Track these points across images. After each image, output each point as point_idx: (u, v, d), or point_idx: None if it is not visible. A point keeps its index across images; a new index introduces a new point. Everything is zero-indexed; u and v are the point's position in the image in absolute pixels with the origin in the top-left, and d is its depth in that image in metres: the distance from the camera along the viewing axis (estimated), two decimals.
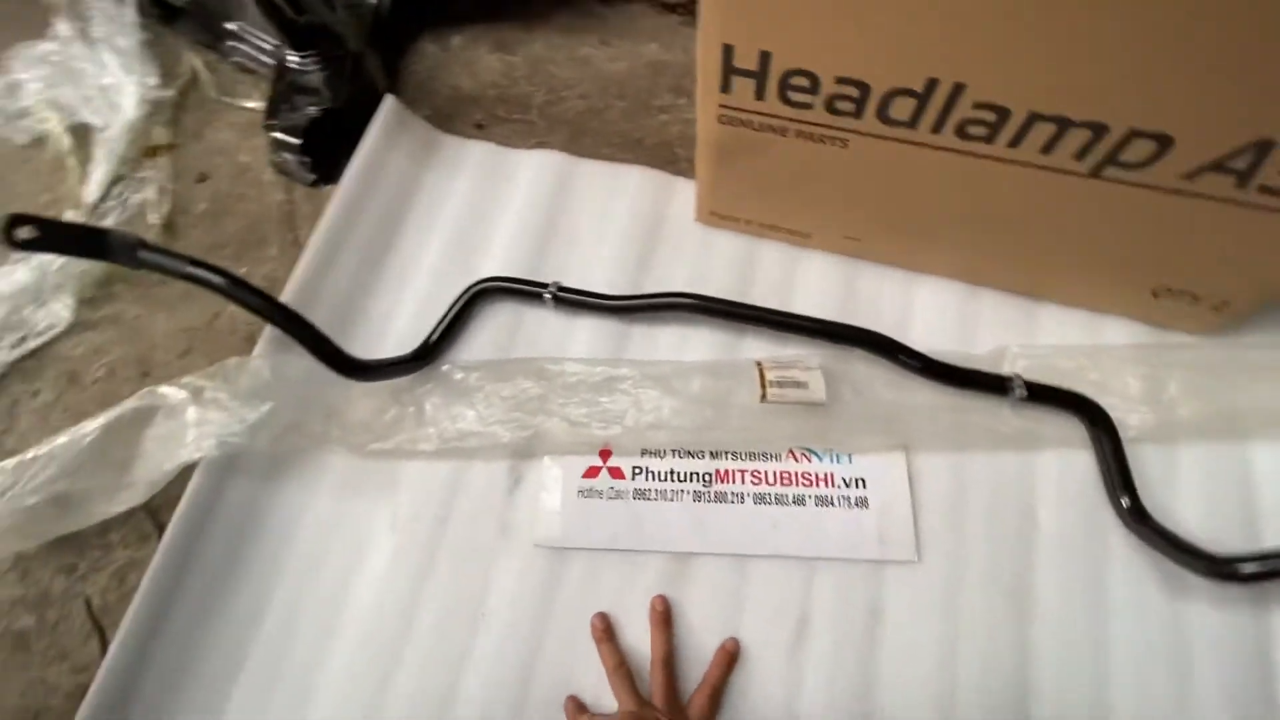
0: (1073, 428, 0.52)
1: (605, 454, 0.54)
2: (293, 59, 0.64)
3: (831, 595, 0.49)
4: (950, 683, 0.46)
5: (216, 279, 0.46)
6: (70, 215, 0.65)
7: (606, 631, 0.48)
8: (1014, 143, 0.42)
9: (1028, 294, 0.57)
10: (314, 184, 0.67)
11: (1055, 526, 0.50)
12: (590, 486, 0.53)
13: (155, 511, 0.55)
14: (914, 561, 0.49)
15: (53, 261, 0.62)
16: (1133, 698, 0.45)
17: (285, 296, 0.57)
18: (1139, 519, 0.48)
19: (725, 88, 0.45)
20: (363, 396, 0.55)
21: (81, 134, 0.70)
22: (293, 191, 0.67)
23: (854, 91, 0.42)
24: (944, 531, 0.50)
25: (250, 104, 0.72)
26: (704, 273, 0.60)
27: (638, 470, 0.53)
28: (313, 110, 0.62)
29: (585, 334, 0.58)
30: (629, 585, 0.50)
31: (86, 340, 0.62)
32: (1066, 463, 0.52)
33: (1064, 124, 0.39)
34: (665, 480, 0.53)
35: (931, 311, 0.58)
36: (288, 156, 0.65)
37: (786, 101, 0.44)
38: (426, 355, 0.56)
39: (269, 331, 0.56)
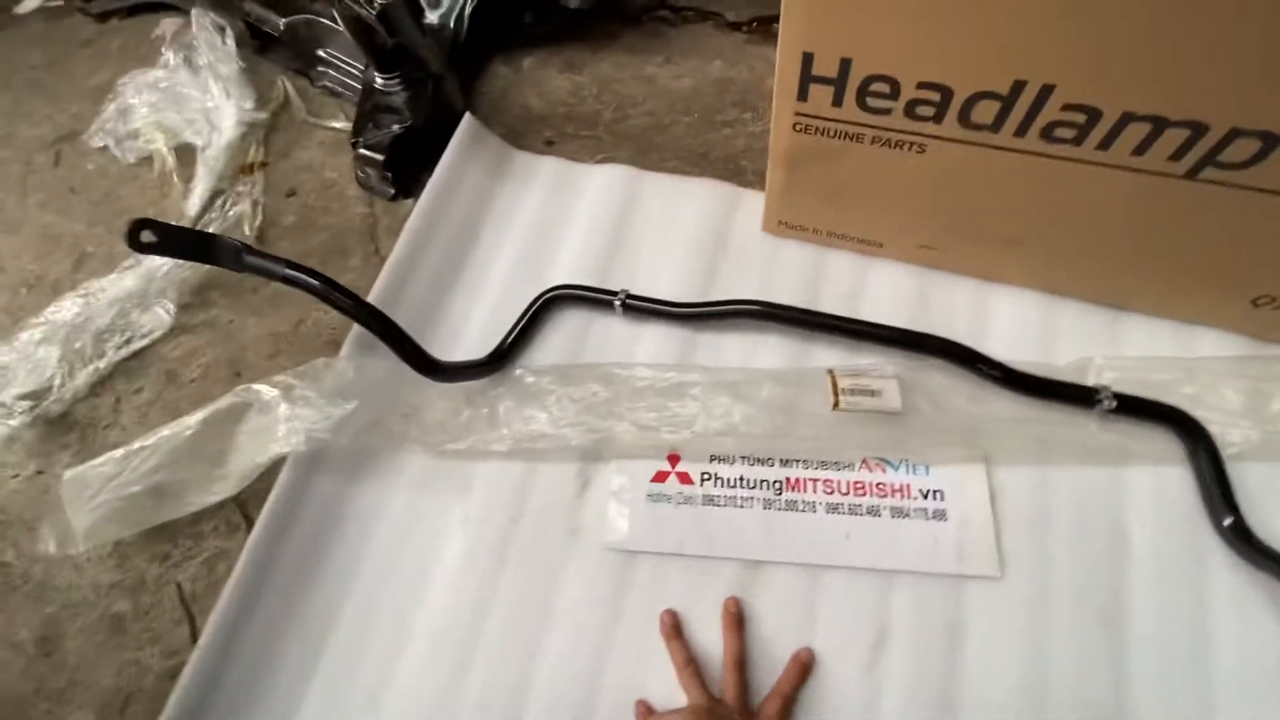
0: (1166, 443, 0.50)
1: (674, 459, 0.54)
2: (379, 81, 0.68)
3: (909, 610, 0.48)
4: (1037, 707, 0.44)
5: (312, 281, 0.49)
6: None
7: (675, 628, 0.47)
8: (1104, 144, 0.41)
9: (1111, 304, 0.55)
10: (394, 198, 0.70)
11: (1149, 545, 0.47)
12: (659, 491, 0.53)
13: (244, 504, 0.57)
14: (996, 578, 0.48)
15: (158, 268, 0.67)
16: None
17: (370, 301, 0.60)
18: (1243, 538, 0.45)
19: (803, 95, 0.46)
20: (439, 398, 0.56)
21: (185, 153, 0.76)
22: (374, 205, 0.71)
23: (935, 96, 0.42)
24: (1028, 548, 0.48)
25: (336, 124, 0.76)
26: (771, 282, 0.61)
27: (706, 476, 0.53)
28: (396, 128, 0.66)
29: (652, 342, 0.59)
30: (698, 591, 0.50)
31: (184, 342, 0.66)
32: (1159, 479, 0.49)
33: (1160, 124, 0.38)
34: (735, 487, 0.52)
35: (1009, 322, 0.56)
36: (371, 172, 0.68)
37: (864, 108, 0.45)
38: (500, 359, 0.57)
39: (354, 334, 0.59)
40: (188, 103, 0.76)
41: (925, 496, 0.51)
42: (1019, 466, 0.51)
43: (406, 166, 0.69)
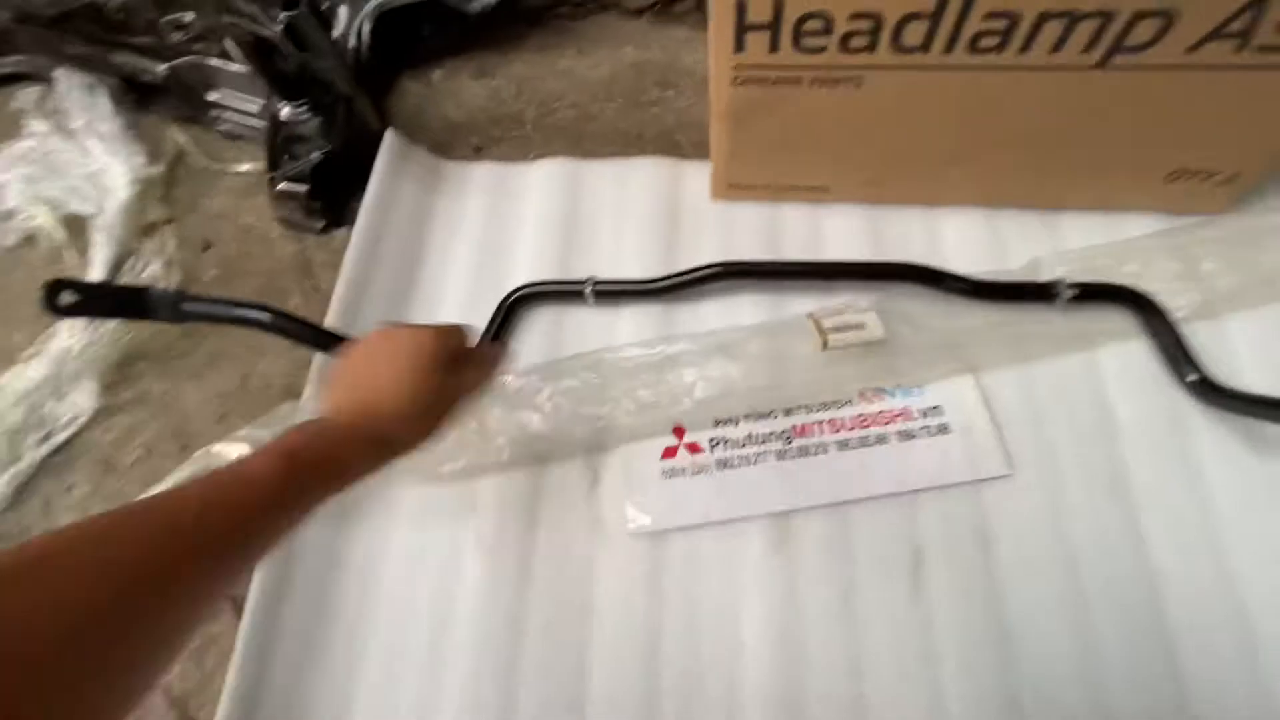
0: (1123, 320, 0.53)
1: (679, 432, 0.53)
2: (286, 111, 0.64)
3: (938, 524, 0.49)
4: (1077, 585, 0.46)
5: (264, 316, 0.45)
6: None
7: None
8: (1025, 47, 0.44)
9: (1046, 206, 0.59)
10: (323, 230, 0.66)
11: (1131, 416, 0.51)
12: (672, 466, 0.52)
13: None
14: (1009, 475, 0.49)
15: (66, 350, 0.60)
16: (1253, 558, 0.45)
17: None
18: (1211, 390, 0.49)
19: (739, 46, 0.46)
20: None
21: (73, 224, 0.69)
22: (304, 241, 0.66)
23: (867, 25, 0.44)
24: (1029, 442, 0.50)
25: (243, 167, 0.71)
26: (731, 246, 0.61)
27: (715, 442, 0.53)
28: (315, 156, 0.62)
29: (629, 324, 0.58)
30: (734, 555, 0.49)
31: (116, 424, 0.59)
32: (1126, 354, 0.53)
33: (1073, 18, 0.41)
34: (745, 445, 0.52)
35: (959, 240, 0.59)
36: (295, 207, 0.64)
37: (801, 49, 0.46)
38: None
39: (315, 373, 0.55)
40: (67, 170, 0.69)
41: (925, 415, 0.52)
42: (1001, 369, 0.53)
43: (333, 195, 0.65)
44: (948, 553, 0.48)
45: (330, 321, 0.57)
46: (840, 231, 0.61)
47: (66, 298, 0.41)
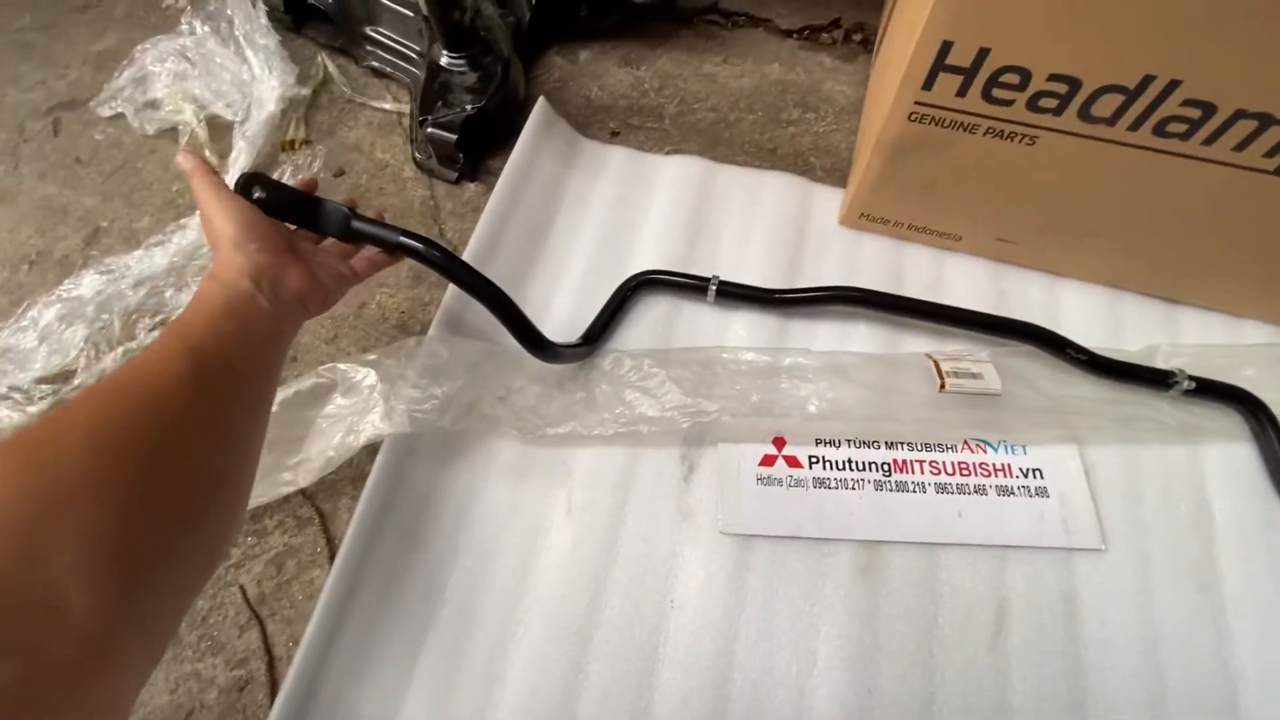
0: (1233, 422, 0.54)
1: (779, 443, 0.54)
2: (446, 60, 0.65)
3: (1025, 583, 0.49)
4: (1156, 670, 0.46)
5: (431, 252, 0.46)
6: None
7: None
8: (1210, 140, 0.45)
9: (1168, 297, 0.60)
10: (456, 181, 0.68)
11: (1230, 516, 0.51)
12: (768, 474, 0.53)
13: (312, 496, 0.53)
14: (1101, 550, 0.50)
15: (197, 245, 0.61)
16: None
17: (453, 286, 0.57)
18: None
19: (928, 85, 0.48)
20: (530, 383, 0.54)
21: (216, 126, 0.70)
22: (434, 188, 0.68)
23: (1063, 88, 0.45)
24: (1124, 521, 0.51)
25: (385, 105, 0.73)
26: (853, 273, 0.62)
27: (814, 459, 0.53)
28: (470, 108, 0.63)
29: (743, 328, 0.59)
30: (820, 574, 0.49)
31: None
32: (1230, 455, 0.53)
33: (1267, 121, 0.42)
34: (844, 469, 0.53)
35: (1078, 312, 0.60)
36: (437, 152, 0.66)
37: (989, 99, 0.47)
38: (595, 341, 0.55)
39: (442, 314, 0.56)
40: (219, 74, 0.71)
41: (1026, 475, 0.53)
42: (1106, 445, 0.54)
43: (475, 149, 0.67)
44: (1032, 613, 0.48)
45: None
46: (963, 280, 0.61)
47: (257, 192, 0.42)
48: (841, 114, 0.72)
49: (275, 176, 0.63)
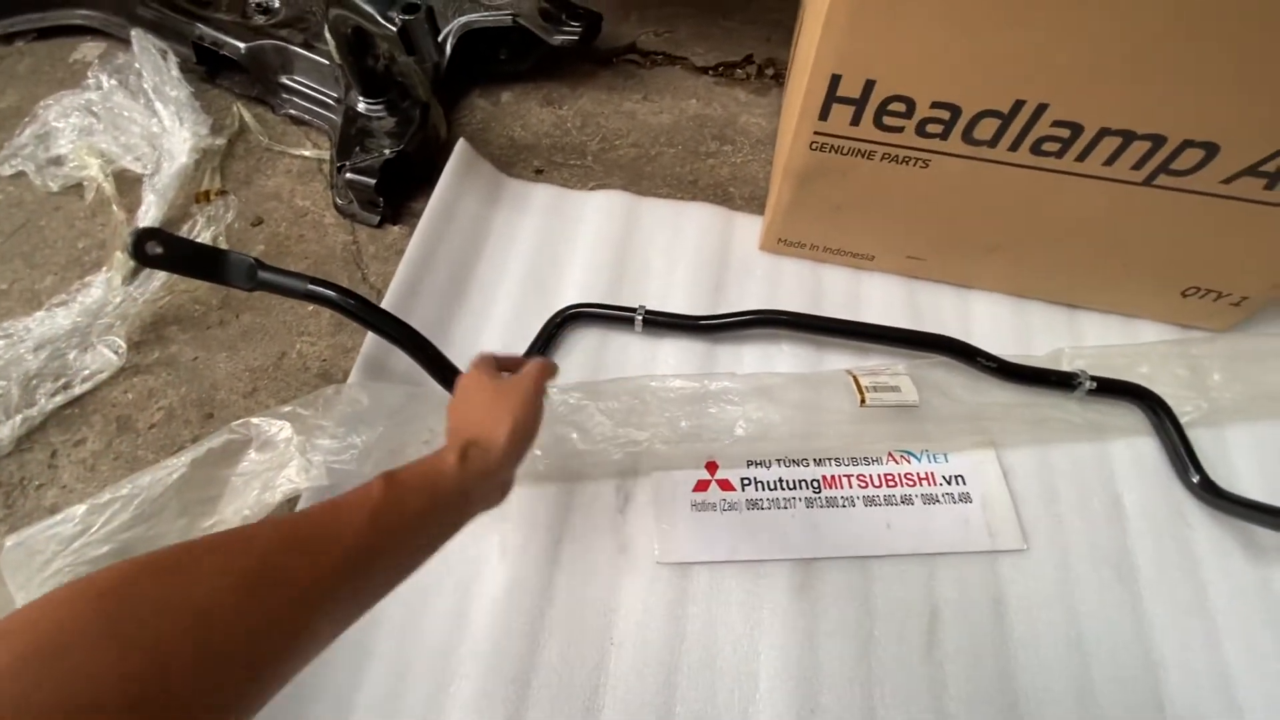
0: (1134, 417, 0.57)
1: (712, 467, 0.54)
2: (363, 105, 0.66)
3: (954, 589, 0.50)
4: (1082, 658, 0.47)
5: (340, 297, 0.45)
6: (119, 256, 0.62)
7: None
8: (1081, 156, 0.48)
9: (1069, 303, 0.63)
10: (378, 225, 0.67)
11: (1138, 506, 0.54)
12: (703, 500, 0.53)
13: None
14: (1023, 550, 0.51)
15: (99, 304, 0.59)
16: (1245, 654, 0.47)
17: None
18: (1212, 492, 0.52)
19: (824, 115, 0.50)
20: None
21: (124, 180, 0.68)
22: (356, 232, 0.67)
23: (945, 115, 0.48)
24: (1043, 519, 0.53)
25: (305, 152, 0.72)
26: (775, 296, 0.64)
27: (747, 481, 0.54)
28: (388, 152, 0.63)
29: (671, 355, 0.60)
30: (757, 596, 0.49)
31: (138, 384, 0.58)
32: (1134, 448, 0.56)
33: (1129, 137, 0.46)
34: (775, 489, 0.53)
35: (987, 322, 0.63)
36: (356, 197, 0.65)
37: (880, 126, 0.50)
38: None
39: (362, 360, 0.55)
40: (127, 127, 0.69)
41: (949, 482, 0.54)
42: (1021, 448, 0.56)
43: (395, 192, 0.67)
44: (963, 617, 0.49)
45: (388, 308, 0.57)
46: (879, 297, 0.64)
47: (153, 248, 0.41)
48: (757, 145, 0.75)
49: (187, 229, 0.62)
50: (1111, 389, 0.56)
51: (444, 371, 0.49)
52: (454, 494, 0.33)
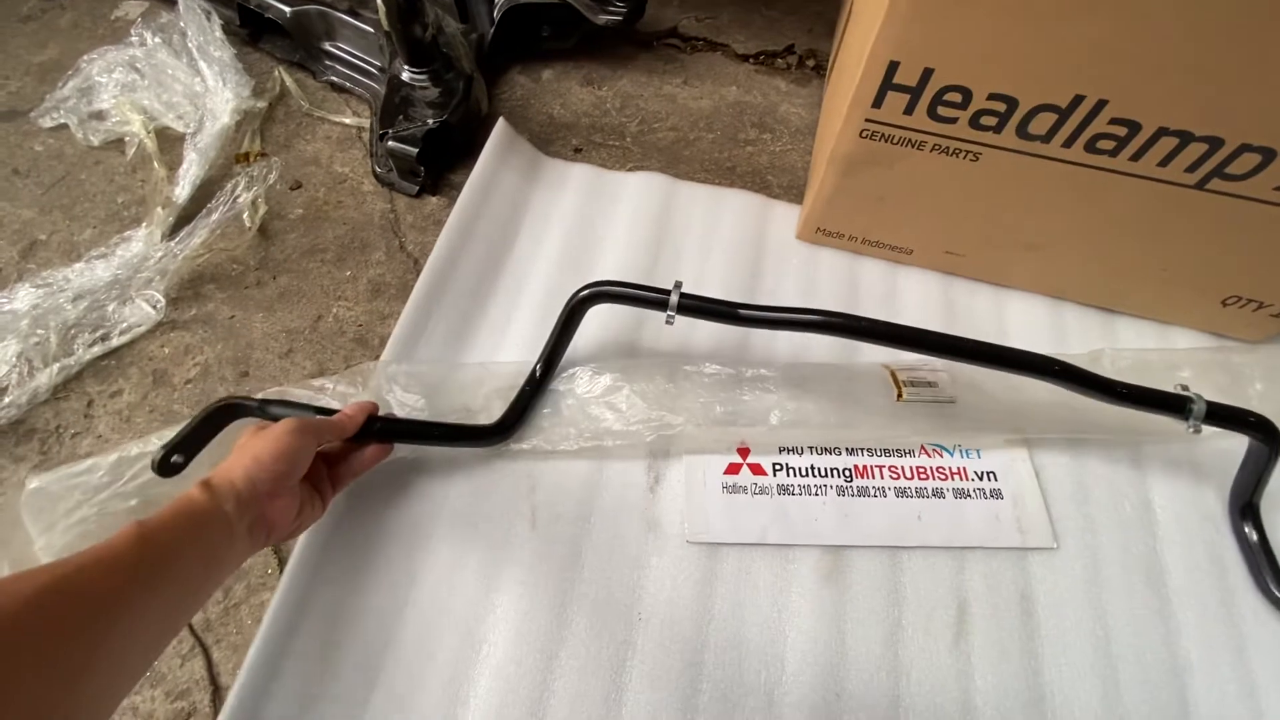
0: (1168, 422, 0.57)
1: (744, 452, 0.54)
2: (408, 74, 0.65)
3: (983, 583, 0.50)
4: (1109, 660, 0.47)
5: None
6: (159, 212, 0.62)
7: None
8: (1136, 156, 0.48)
9: (1105, 307, 0.63)
10: (417, 194, 0.67)
11: (1170, 512, 0.53)
12: (734, 483, 0.53)
13: None
14: (1053, 548, 0.51)
15: (141, 257, 0.59)
16: (1272, 665, 0.47)
17: (412, 298, 0.56)
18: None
19: (877, 103, 0.50)
20: (494, 400, 0.53)
21: (165, 138, 0.69)
22: (394, 201, 0.67)
23: (1001, 107, 0.47)
24: (1074, 519, 0.53)
25: (344, 119, 0.72)
26: (811, 285, 0.64)
27: (778, 467, 0.54)
28: (431, 122, 0.63)
29: (705, 340, 0.60)
30: (786, 580, 0.49)
31: (175, 340, 0.58)
32: (1169, 454, 0.56)
33: (1186, 138, 0.46)
34: (807, 476, 0.53)
35: (1023, 321, 0.62)
36: (397, 166, 0.65)
37: (934, 117, 0.50)
38: (551, 369, 0.55)
39: (398, 333, 0.55)
40: (170, 86, 0.69)
41: (980, 478, 0.54)
42: (1054, 447, 0.56)
43: (436, 163, 0.67)
44: (991, 611, 0.49)
45: (421, 285, 0.58)
46: (915, 292, 0.64)
47: (177, 459, 0.43)
48: (797, 134, 0.75)
49: (230, 188, 0.62)
50: (1224, 417, 0.50)
51: (464, 435, 0.51)
52: (204, 515, 0.36)
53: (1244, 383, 0.57)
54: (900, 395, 0.54)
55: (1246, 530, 0.52)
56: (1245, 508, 0.52)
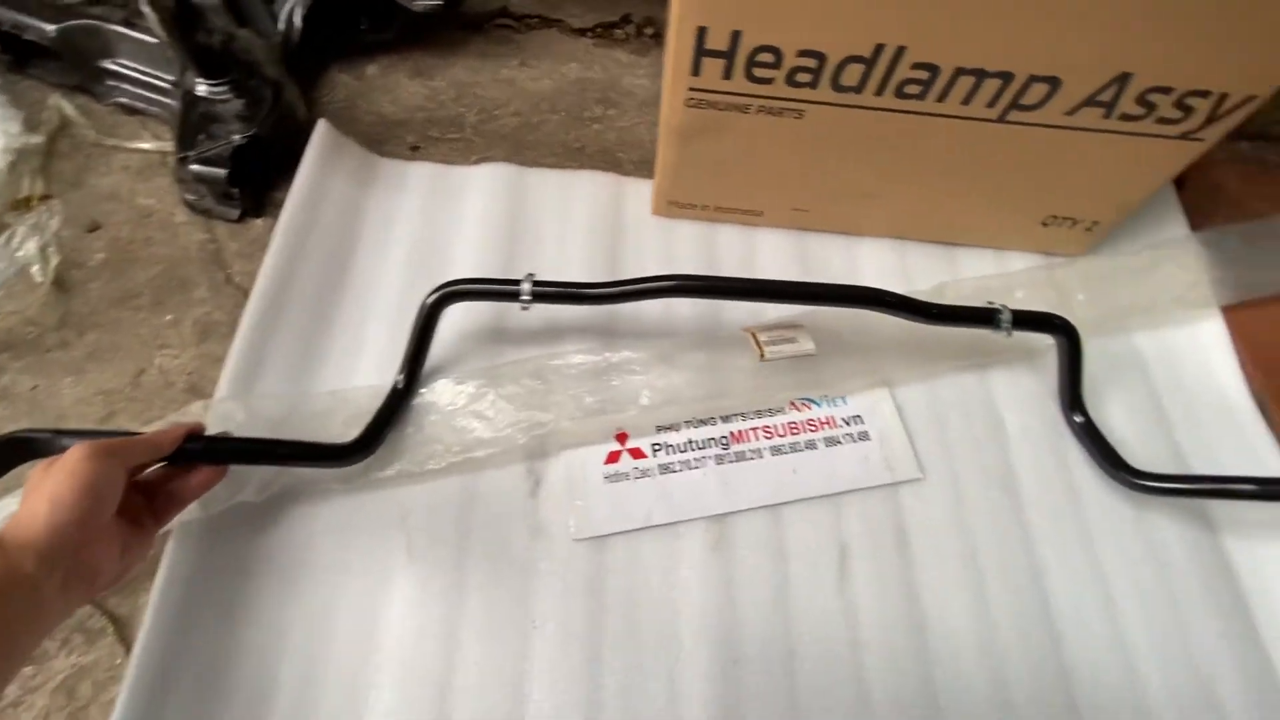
0: (1007, 342, 0.61)
1: (622, 437, 0.54)
2: (203, 88, 0.59)
3: (860, 524, 0.52)
4: (977, 573, 0.51)
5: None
6: None
7: None
8: (941, 97, 0.50)
9: (946, 241, 0.66)
10: (239, 219, 0.61)
11: (1018, 424, 0.57)
12: (615, 471, 0.52)
13: (101, 602, 0.46)
14: (920, 479, 0.54)
15: None
16: (1115, 555, 0.52)
17: (241, 330, 0.52)
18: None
19: (696, 70, 0.49)
20: (348, 428, 0.50)
21: None
22: (213, 230, 0.61)
23: (812, 63, 0.48)
24: (936, 448, 0.56)
25: (143, 145, 0.65)
26: (671, 259, 0.63)
27: (657, 447, 0.54)
28: (237, 138, 0.58)
29: (570, 328, 0.58)
30: (674, 556, 0.50)
31: None
32: (1012, 371, 0.60)
33: (980, 75, 0.48)
34: (686, 451, 0.54)
35: (873, 266, 0.65)
36: (208, 191, 0.59)
37: (751, 78, 0.49)
38: (413, 381, 0.52)
39: (230, 369, 0.50)
40: None
41: (847, 423, 0.56)
42: (911, 384, 0.58)
43: (253, 182, 0.61)
44: (870, 549, 0.51)
45: (250, 315, 0.53)
46: (770, 253, 0.65)
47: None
48: (643, 107, 0.74)
49: (4, 240, 0.55)
50: (1029, 322, 0.56)
51: (314, 454, 0.47)
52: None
53: (1068, 294, 0.61)
54: (763, 355, 0.55)
55: (1076, 419, 0.56)
56: (1072, 402, 0.57)
